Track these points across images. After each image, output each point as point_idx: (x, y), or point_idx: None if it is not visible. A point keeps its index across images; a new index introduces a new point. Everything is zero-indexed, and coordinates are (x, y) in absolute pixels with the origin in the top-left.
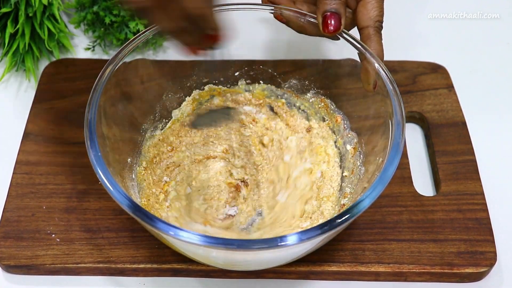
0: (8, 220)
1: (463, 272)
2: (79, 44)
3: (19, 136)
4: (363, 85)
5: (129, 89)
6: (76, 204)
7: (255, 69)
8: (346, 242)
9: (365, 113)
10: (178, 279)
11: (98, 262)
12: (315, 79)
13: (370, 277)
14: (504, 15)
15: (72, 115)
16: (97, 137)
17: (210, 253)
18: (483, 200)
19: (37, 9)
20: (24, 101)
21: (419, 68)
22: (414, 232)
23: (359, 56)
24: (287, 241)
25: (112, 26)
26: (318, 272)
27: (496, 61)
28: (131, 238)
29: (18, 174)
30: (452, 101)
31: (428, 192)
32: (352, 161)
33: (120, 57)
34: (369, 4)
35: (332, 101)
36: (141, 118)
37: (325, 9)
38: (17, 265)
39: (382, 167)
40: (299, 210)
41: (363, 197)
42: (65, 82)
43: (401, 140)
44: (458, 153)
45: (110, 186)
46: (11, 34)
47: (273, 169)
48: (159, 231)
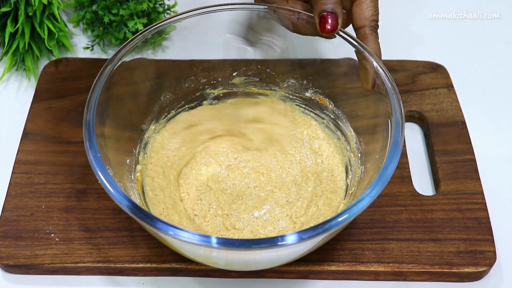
0: (7, 219)
1: (463, 271)
2: (78, 44)
3: (18, 135)
4: (362, 84)
5: (128, 88)
6: (75, 204)
7: (253, 68)
8: (345, 242)
9: (364, 112)
10: (177, 279)
11: (97, 262)
12: (314, 79)
13: (370, 276)
14: (504, 15)
15: (71, 114)
16: (96, 138)
17: (210, 253)
18: (482, 200)
19: (36, 8)
20: (24, 100)
21: (418, 68)
22: (414, 231)
23: (357, 55)
24: (287, 241)
25: (111, 25)
26: (318, 271)
27: (496, 61)
28: (130, 237)
29: (17, 174)
30: (451, 101)
31: (428, 191)
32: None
33: (119, 56)
34: (364, 4)
35: (331, 101)
36: (140, 118)
37: (321, 9)
38: (16, 265)
39: (382, 167)
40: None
41: (362, 196)
42: (65, 82)
43: (401, 139)
44: (458, 152)
45: (109, 187)
46: (11, 33)
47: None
48: (158, 231)
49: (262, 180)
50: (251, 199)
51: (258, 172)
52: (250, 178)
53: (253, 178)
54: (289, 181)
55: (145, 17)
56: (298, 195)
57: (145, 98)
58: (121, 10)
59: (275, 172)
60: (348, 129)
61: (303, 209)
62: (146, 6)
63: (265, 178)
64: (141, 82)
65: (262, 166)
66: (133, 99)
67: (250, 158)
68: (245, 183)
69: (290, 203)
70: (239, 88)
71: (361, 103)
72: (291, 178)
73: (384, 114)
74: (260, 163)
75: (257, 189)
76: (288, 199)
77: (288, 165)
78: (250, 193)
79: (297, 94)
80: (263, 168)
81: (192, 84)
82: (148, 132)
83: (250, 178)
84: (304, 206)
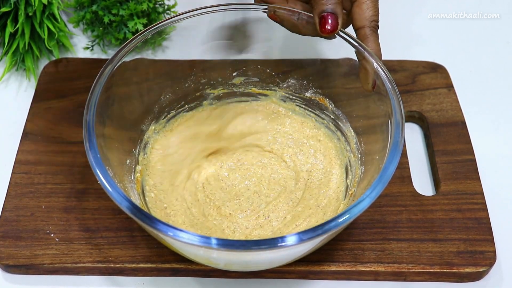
0: (7, 219)
1: (463, 271)
2: (78, 44)
3: (18, 135)
4: (362, 84)
5: (128, 89)
6: (75, 204)
7: (253, 68)
8: (345, 242)
9: (364, 112)
10: (177, 279)
11: (97, 262)
12: (314, 79)
13: (370, 276)
14: (504, 15)
15: (71, 114)
16: (96, 138)
17: (210, 254)
18: (482, 200)
19: (36, 8)
20: (24, 100)
21: (418, 68)
22: (414, 231)
23: (357, 56)
24: (287, 242)
25: (111, 25)
26: (318, 271)
27: (496, 61)
28: (130, 237)
29: (17, 174)
30: (451, 101)
31: (428, 191)
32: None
33: (119, 56)
34: (364, 5)
35: (331, 101)
36: (140, 118)
37: (322, 10)
38: (16, 265)
39: (382, 167)
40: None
41: (362, 197)
42: (65, 82)
43: (401, 140)
44: (458, 152)
45: (109, 188)
46: (11, 33)
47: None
48: (158, 232)
49: (261, 181)
50: (248, 200)
51: (257, 173)
52: (250, 180)
53: (254, 181)
54: (287, 182)
55: (145, 17)
56: (297, 196)
57: (145, 98)
58: (121, 10)
59: (275, 172)
60: (348, 129)
61: (302, 210)
62: (146, 6)
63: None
64: (141, 82)
65: (262, 166)
66: (133, 99)
67: (251, 159)
68: (245, 185)
69: (288, 203)
70: (239, 88)
71: (361, 103)
72: (290, 179)
73: (384, 115)
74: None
75: (256, 189)
76: (287, 200)
77: (285, 166)
78: (248, 196)
79: (297, 94)
80: (263, 168)
81: (192, 84)
82: (148, 133)
83: (250, 181)
84: (303, 207)
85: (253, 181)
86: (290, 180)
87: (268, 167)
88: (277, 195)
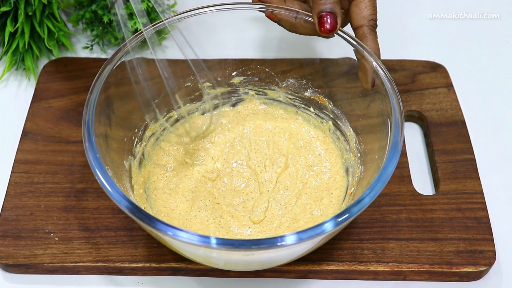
0: (7, 219)
1: (462, 271)
2: (78, 43)
3: (18, 134)
4: (361, 83)
5: (128, 88)
6: (74, 203)
7: (252, 68)
8: (345, 241)
9: (364, 112)
10: (177, 278)
11: (96, 261)
12: (313, 78)
13: (369, 276)
14: (504, 15)
15: (71, 114)
16: (95, 138)
17: (210, 253)
18: (482, 199)
19: (36, 8)
20: (24, 99)
21: (418, 67)
22: (413, 231)
23: (356, 55)
24: (287, 241)
25: (110, 25)
26: (317, 271)
27: (495, 61)
28: (130, 237)
29: (16, 173)
30: (451, 100)
31: (427, 191)
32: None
33: (118, 56)
34: (362, 4)
35: (330, 100)
36: (139, 118)
37: (320, 9)
38: (15, 264)
39: (381, 166)
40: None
41: (362, 197)
42: (64, 81)
43: (400, 139)
44: (457, 152)
45: (108, 187)
46: (10, 33)
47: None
48: (157, 232)
49: (261, 180)
50: (248, 199)
51: (258, 173)
52: (249, 178)
53: (254, 180)
54: (287, 181)
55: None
56: (296, 195)
57: (144, 98)
58: (120, 10)
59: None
60: (348, 128)
61: (302, 209)
62: (146, 6)
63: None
64: (140, 82)
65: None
66: (133, 99)
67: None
68: (246, 183)
69: (287, 202)
70: (238, 88)
71: (361, 102)
72: (289, 178)
73: (383, 114)
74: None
75: (256, 188)
76: (286, 199)
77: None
78: (248, 194)
79: (296, 94)
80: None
81: (191, 84)
82: (147, 132)
83: (251, 179)
84: (303, 206)
85: (253, 180)
86: (289, 179)
87: (268, 167)
88: (277, 195)
